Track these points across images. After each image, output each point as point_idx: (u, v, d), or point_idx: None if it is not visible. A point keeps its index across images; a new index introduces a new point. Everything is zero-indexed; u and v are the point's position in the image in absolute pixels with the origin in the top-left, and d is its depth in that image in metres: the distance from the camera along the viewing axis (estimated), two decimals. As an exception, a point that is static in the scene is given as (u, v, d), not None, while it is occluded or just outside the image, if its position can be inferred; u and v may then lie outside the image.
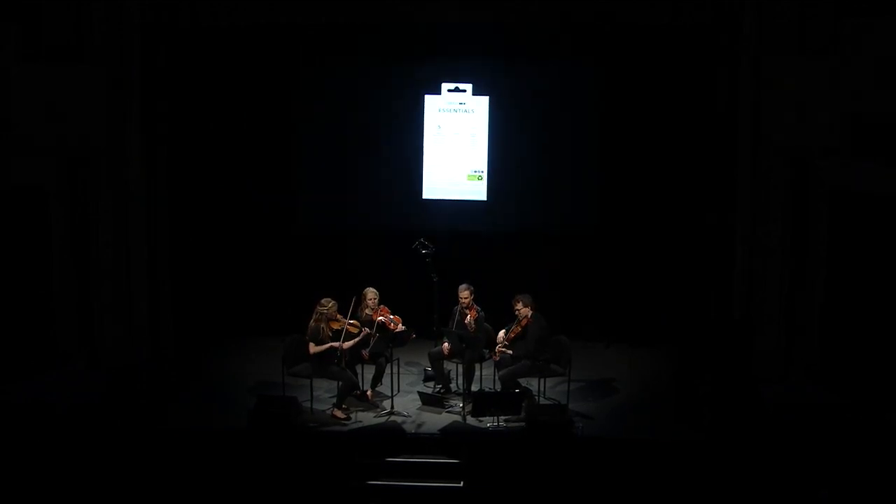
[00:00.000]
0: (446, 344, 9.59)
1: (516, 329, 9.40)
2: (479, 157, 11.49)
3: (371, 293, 9.56)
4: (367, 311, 9.54)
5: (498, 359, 9.47)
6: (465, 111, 11.37)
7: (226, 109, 11.28)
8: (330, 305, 9.27)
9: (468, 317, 9.50)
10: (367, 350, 9.48)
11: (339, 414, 9.19)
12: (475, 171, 11.47)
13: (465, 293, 9.59)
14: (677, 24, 10.10)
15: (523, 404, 8.98)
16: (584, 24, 10.42)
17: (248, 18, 10.34)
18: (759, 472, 8.17)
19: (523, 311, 9.39)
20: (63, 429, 8.79)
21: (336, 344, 9.10)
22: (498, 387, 9.45)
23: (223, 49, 11.01)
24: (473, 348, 9.38)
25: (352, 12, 10.34)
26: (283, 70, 11.33)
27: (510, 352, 9.47)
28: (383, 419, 9.18)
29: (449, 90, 11.28)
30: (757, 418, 8.92)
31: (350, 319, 9.31)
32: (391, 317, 9.52)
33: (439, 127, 11.37)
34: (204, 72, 11.09)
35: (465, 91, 11.26)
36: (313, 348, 9.19)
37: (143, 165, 10.44)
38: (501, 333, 9.49)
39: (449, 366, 9.82)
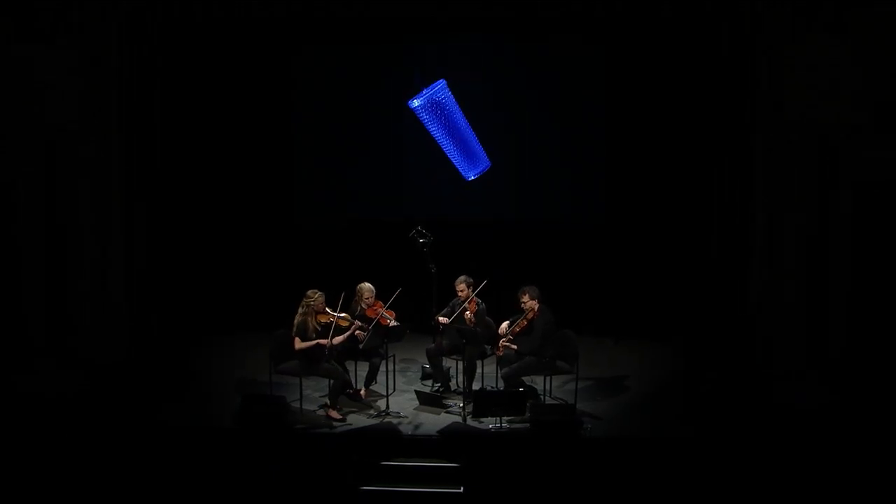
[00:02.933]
0: (441, 340, 9.43)
1: (522, 323, 9.14)
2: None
3: (367, 290, 9.35)
4: (361, 305, 9.35)
5: (501, 354, 9.23)
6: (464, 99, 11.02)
7: (214, 93, 11.12)
8: (317, 297, 9.04)
9: (468, 312, 9.27)
10: (361, 345, 9.25)
11: (331, 414, 8.90)
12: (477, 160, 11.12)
13: (462, 286, 9.38)
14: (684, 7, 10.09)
15: (528, 404, 8.73)
16: (589, 6, 10.33)
17: (241, 9, 10.35)
18: (770, 472, 8.06)
19: (529, 303, 9.11)
20: (32, 429, 8.65)
21: (323, 341, 8.91)
22: (501, 385, 9.23)
23: (214, 32, 10.90)
24: (474, 344, 9.15)
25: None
26: (275, 55, 11.24)
27: (514, 347, 9.21)
28: (378, 420, 8.96)
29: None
30: (767, 417, 8.80)
31: (340, 313, 9.07)
32: (384, 311, 9.30)
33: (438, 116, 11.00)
34: (192, 54, 10.93)
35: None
36: (298, 344, 8.98)
37: (124, 151, 10.31)
38: (504, 325, 9.26)
39: (448, 363, 9.61)
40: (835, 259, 9.70)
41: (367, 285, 9.36)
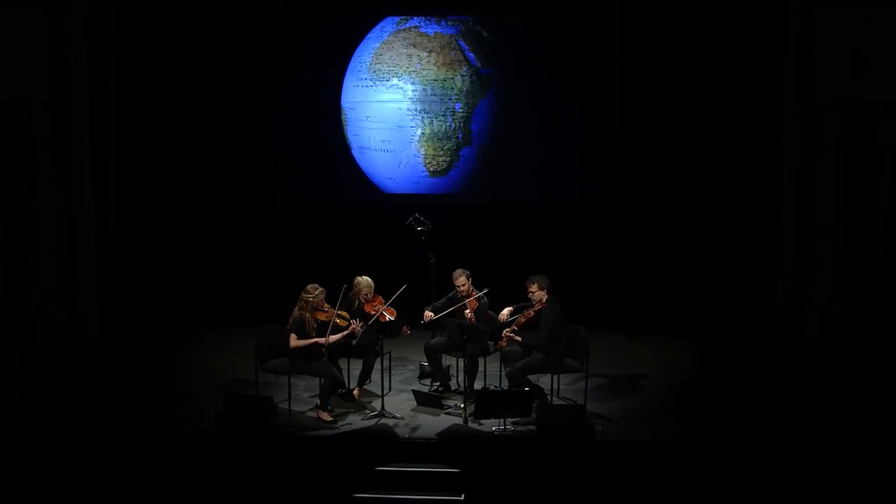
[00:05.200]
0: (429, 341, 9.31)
1: (528, 314, 8.90)
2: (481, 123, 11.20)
3: (366, 285, 9.09)
4: (360, 299, 9.09)
5: (505, 345, 8.99)
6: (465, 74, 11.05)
7: (189, 65, 10.95)
8: (317, 293, 8.80)
9: (468, 310, 9.04)
10: (355, 341, 8.96)
11: (322, 416, 8.69)
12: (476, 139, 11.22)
13: (461, 279, 9.10)
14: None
15: (534, 404, 8.51)
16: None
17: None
18: (794, 477, 7.87)
19: (538, 294, 8.89)
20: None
21: (321, 340, 8.70)
22: (505, 384, 9.08)
23: (188, 7, 10.80)
24: (476, 340, 8.88)
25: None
26: (253, 24, 11.00)
27: (519, 338, 8.95)
28: (373, 421, 8.78)
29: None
30: (796, 419, 8.65)
31: (338, 310, 8.83)
32: (384, 309, 9.02)
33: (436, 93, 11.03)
34: (167, 25, 10.78)
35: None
36: (294, 341, 8.71)
37: (92, 126, 10.17)
38: (506, 312, 9.01)
39: (448, 360, 9.45)
40: (869, 248, 9.57)
41: (365, 279, 9.11)
